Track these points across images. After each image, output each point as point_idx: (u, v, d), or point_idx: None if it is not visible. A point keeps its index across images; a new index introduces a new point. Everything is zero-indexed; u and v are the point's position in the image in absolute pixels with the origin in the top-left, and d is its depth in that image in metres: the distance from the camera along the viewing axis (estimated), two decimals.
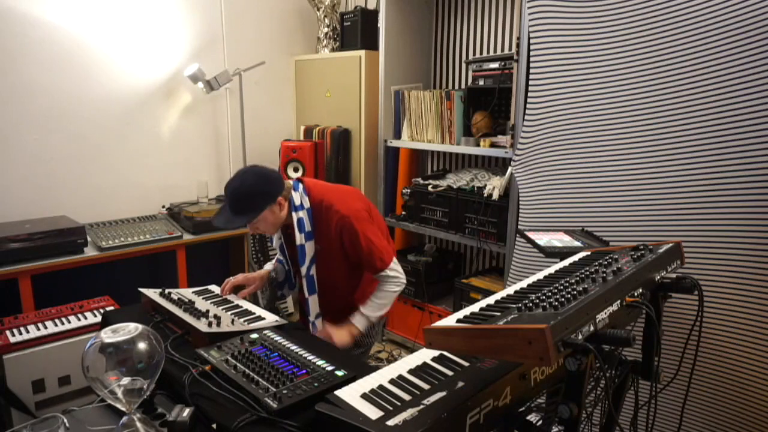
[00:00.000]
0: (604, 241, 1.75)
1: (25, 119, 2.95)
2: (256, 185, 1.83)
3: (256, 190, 1.82)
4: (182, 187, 3.59)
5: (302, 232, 1.90)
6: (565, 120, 2.14)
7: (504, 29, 3.21)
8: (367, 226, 1.91)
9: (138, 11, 3.26)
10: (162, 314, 1.80)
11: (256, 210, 1.81)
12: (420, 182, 3.27)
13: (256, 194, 1.82)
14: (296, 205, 1.90)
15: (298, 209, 1.90)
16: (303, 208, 1.90)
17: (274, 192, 1.85)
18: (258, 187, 1.82)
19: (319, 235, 1.93)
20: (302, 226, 1.90)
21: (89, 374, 1.19)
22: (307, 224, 1.90)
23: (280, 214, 1.88)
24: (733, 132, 1.71)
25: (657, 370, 1.29)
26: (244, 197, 1.81)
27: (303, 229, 1.90)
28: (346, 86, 3.56)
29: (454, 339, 1.01)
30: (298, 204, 1.90)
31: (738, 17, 1.66)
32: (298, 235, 1.90)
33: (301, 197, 1.91)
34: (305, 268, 1.93)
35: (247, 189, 1.82)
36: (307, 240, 1.91)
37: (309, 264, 1.93)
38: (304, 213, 1.90)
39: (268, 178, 1.86)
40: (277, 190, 1.86)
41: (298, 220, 1.90)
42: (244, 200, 1.81)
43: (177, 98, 3.52)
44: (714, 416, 1.87)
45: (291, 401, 1.25)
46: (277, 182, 1.87)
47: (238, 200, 1.82)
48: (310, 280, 1.95)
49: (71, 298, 2.63)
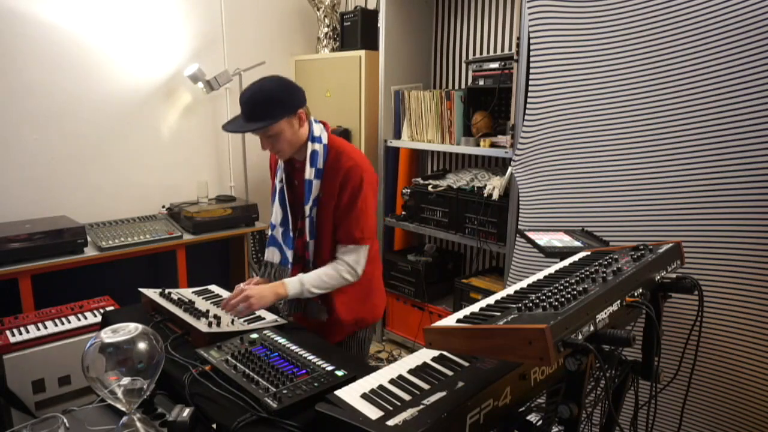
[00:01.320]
0: (604, 241, 1.75)
1: (25, 119, 2.95)
2: (276, 91, 1.67)
3: (275, 95, 1.66)
4: (182, 187, 3.59)
5: (314, 166, 1.74)
6: (565, 120, 2.14)
7: (504, 29, 3.21)
8: (372, 193, 1.77)
9: (138, 11, 3.26)
10: (162, 314, 1.80)
11: (275, 117, 1.65)
12: (420, 182, 3.27)
13: (275, 100, 1.66)
14: (315, 136, 1.75)
15: (316, 140, 1.75)
16: (321, 142, 1.75)
17: (296, 102, 1.70)
18: (278, 94, 1.67)
19: (328, 181, 1.76)
20: (315, 159, 1.74)
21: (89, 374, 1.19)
22: (320, 160, 1.74)
23: (300, 131, 1.73)
24: (733, 132, 1.71)
25: (657, 370, 1.29)
26: (261, 102, 1.65)
27: (315, 164, 1.74)
28: (346, 86, 3.56)
29: (454, 339, 1.01)
30: (317, 135, 1.75)
31: (738, 17, 1.66)
32: (308, 169, 1.74)
33: (321, 132, 1.77)
34: (308, 207, 1.77)
35: (267, 93, 1.66)
36: (315, 177, 1.75)
37: (312, 205, 1.77)
38: (320, 147, 1.75)
39: (290, 86, 1.71)
40: (299, 102, 1.71)
41: (313, 152, 1.74)
42: (262, 105, 1.65)
43: (177, 98, 3.52)
44: (714, 416, 1.87)
45: (291, 401, 1.25)
46: (299, 93, 1.72)
47: (255, 105, 1.65)
48: (311, 223, 1.79)
49: (71, 298, 2.63)
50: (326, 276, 1.76)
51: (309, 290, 1.74)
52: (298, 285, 1.73)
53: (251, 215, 3.42)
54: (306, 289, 1.74)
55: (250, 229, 3.44)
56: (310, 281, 1.74)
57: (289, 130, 1.71)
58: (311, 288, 1.74)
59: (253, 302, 1.67)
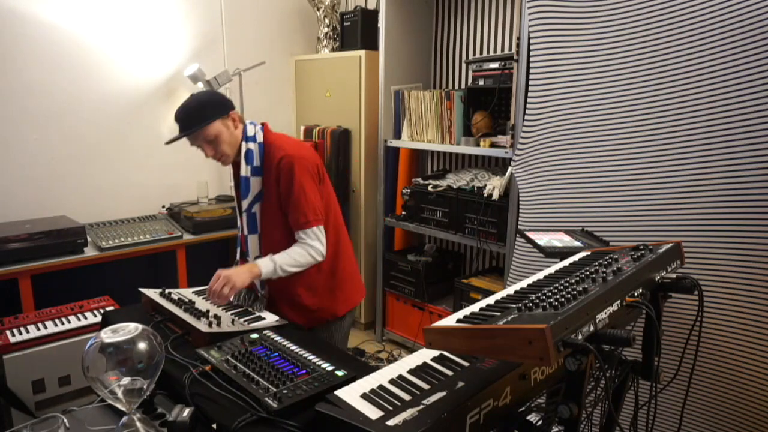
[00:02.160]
0: (604, 241, 1.75)
1: (25, 119, 2.95)
2: (206, 96, 1.83)
3: (205, 99, 1.81)
4: (182, 187, 3.59)
5: (249, 164, 1.85)
6: (565, 120, 2.14)
7: (504, 29, 3.21)
8: (308, 177, 1.83)
9: (138, 11, 3.26)
10: (162, 314, 1.80)
11: (207, 119, 1.76)
12: (420, 182, 3.27)
13: (206, 104, 1.78)
14: (248, 136, 1.86)
15: (249, 140, 1.86)
16: (255, 141, 1.86)
17: (226, 104, 1.83)
18: (207, 98, 1.82)
19: (266, 176, 1.87)
20: (250, 157, 1.85)
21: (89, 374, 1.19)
22: (256, 158, 1.85)
23: (235, 131, 1.84)
24: (733, 132, 1.71)
25: (657, 370, 1.29)
26: (194, 107, 1.77)
27: (251, 161, 1.85)
28: (346, 86, 3.56)
29: (454, 339, 1.01)
30: (251, 135, 1.87)
31: (738, 17, 1.66)
32: (243, 166, 1.85)
33: (256, 131, 1.88)
34: (247, 202, 1.87)
35: (197, 99, 1.80)
36: (253, 174, 1.86)
37: (252, 200, 1.87)
38: (254, 146, 1.86)
39: (218, 93, 1.86)
40: (229, 104, 1.84)
41: (247, 151, 1.85)
42: (195, 111, 1.77)
43: (177, 98, 3.51)
44: (714, 416, 1.87)
45: (291, 401, 1.25)
46: (227, 99, 1.87)
47: (189, 112, 1.77)
48: (251, 217, 1.89)
49: (71, 298, 2.63)
50: (296, 254, 1.82)
51: (281, 268, 1.80)
52: (270, 264, 1.79)
53: None
54: (278, 266, 1.79)
55: None
56: (281, 260, 1.80)
57: (225, 131, 1.81)
58: (283, 266, 1.80)
59: (235, 281, 1.72)
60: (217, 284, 1.72)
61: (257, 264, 1.78)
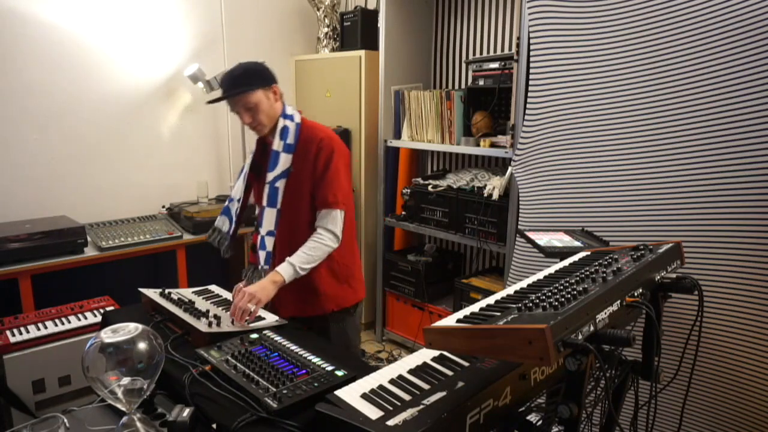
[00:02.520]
0: (604, 241, 1.75)
1: (25, 119, 2.95)
2: (252, 65, 1.86)
3: (251, 69, 1.85)
4: (182, 187, 3.59)
5: (283, 140, 1.88)
6: (565, 120, 2.14)
7: (504, 29, 3.21)
8: (344, 163, 1.90)
9: (138, 11, 3.26)
10: (162, 314, 1.80)
11: (251, 85, 1.81)
12: (420, 182, 3.27)
13: (251, 73, 1.83)
14: (287, 114, 1.91)
15: (287, 118, 1.90)
16: (292, 120, 1.90)
17: (270, 76, 1.88)
18: (253, 67, 1.86)
19: (297, 156, 1.89)
20: (285, 134, 1.88)
21: (89, 374, 1.19)
22: (291, 136, 1.89)
23: (275, 104, 1.88)
24: (733, 132, 1.71)
25: (657, 370, 1.29)
26: (239, 74, 1.82)
27: (285, 138, 1.88)
28: (346, 86, 3.56)
29: (454, 339, 1.01)
30: (289, 114, 1.91)
31: (738, 17, 1.66)
32: (277, 141, 1.88)
33: (294, 112, 1.93)
34: (273, 174, 1.88)
35: (243, 67, 1.85)
36: (284, 150, 1.88)
37: (278, 175, 1.88)
38: (292, 124, 1.90)
39: (264, 65, 1.89)
40: (273, 77, 1.89)
41: (284, 127, 1.88)
42: (240, 76, 1.82)
43: (177, 98, 3.52)
44: (714, 416, 1.87)
45: (291, 401, 1.25)
46: (271, 72, 1.90)
47: (234, 77, 1.82)
48: (273, 191, 1.89)
49: (71, 298, 2.63)
50: (310, 250, 1.84)
51: (300, 268, 1.82)
52: (289, 267, 1.81)
53: (251, 215, 3.41)
54: (297, 267, 1.82)
55: (249, 229, 3.41)
56: (298, 260, 1.82)
57: (265, 101, 1.85)
58: (301, 265, 1.82)
59: (260, 296, 1.73)
60: (243, 301, 1.69)
61: (278, 272, 1.80)
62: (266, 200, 1.91)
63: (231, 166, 3.82)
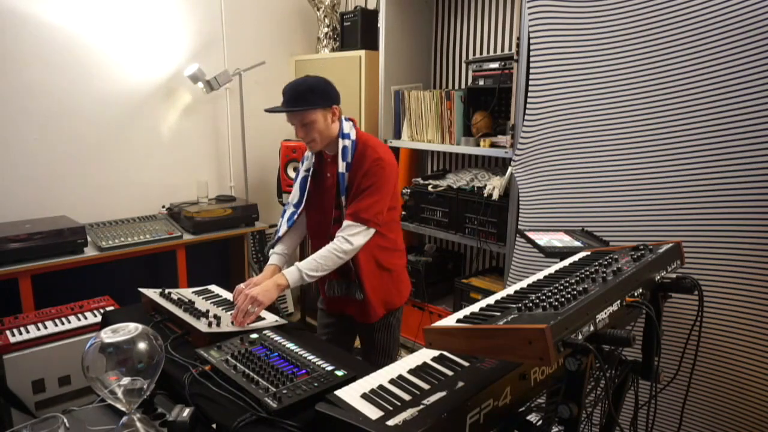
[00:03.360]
0: (604, 241, 1.75)
1: (25, 119, 2.95)
2: (318, 83, 1.86)
3: (316, 87, 1.84)
4: (182, 187, 3.59)
5: (345, 160, 1.88)
6: (565, 120, 2.14)
7: (504, 29, 3.21)
8: (390, 186, 1.89)
9: (138, 11, 3.26)
10: (162, 314, 1.80)
11: (313, 104, 1.82)
12: (420, 182, 3.27)
13: (316, 91, 1.83)
14: (345, 133, 1.90)
15: (345, 137, 1.90)
16: (350, 138, 1.90)
17: (332, 97, 1.88)
18: (319, 86, 1.85)
19: (354, 172, 1.89)
20: (346, 154, 1.88)
21: (89, 374, 1.19)
22: (350, 154, 1.89)
23: (332, 126, 1.89)
24: (733, 132, 1.71)
25: (657, 370, 1.29)
26: (304, 90, 1.83)
27: (346, 158, 1.88)
28: (346, 86, 3.56)
29: (454, 339, 1.01)
30: (347, 132, 1.91)
31: (738, 17, 1.66)
32: (341, 162, 1.88)
33: (350, 129, 1.93)
34: (344, 198, 1.89)
35: (309, 83, 1.85)
36: (347, 170, 1.89)
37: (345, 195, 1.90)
38: (349, 142, 1.90)
39: (330, 84, 1.89)
40: (335, 98, 1.89)
41: (344, 147, 1.88)
42: (304, 92, 1.82)
43: (177, 98, 3.52)
44: (714, 416, 1.87)
45: (291, 401, 1.25)
46: (336, 92, 1.91)
47: (297, 92, 1.83)
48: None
49: (71, 298, 2.63)
50: (321, 258, 1.82)
51: (307, 274, 1.80)
52: (296, 272, 1.80)
53: (251, 215, 3.42)
54: (304, 273, 1.80)
55: (250, 229, 3.44)
56: (307, 266, 1.81)
57: (322, 121, 1.86)
58: (308, 272, 1.80)
59: (262, 299, 1.71)
60: (244, 304, 1.69)
61: (283, 275, 1.79)
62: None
63: (231, 166, 3.82)
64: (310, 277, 1.80)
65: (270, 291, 1.74)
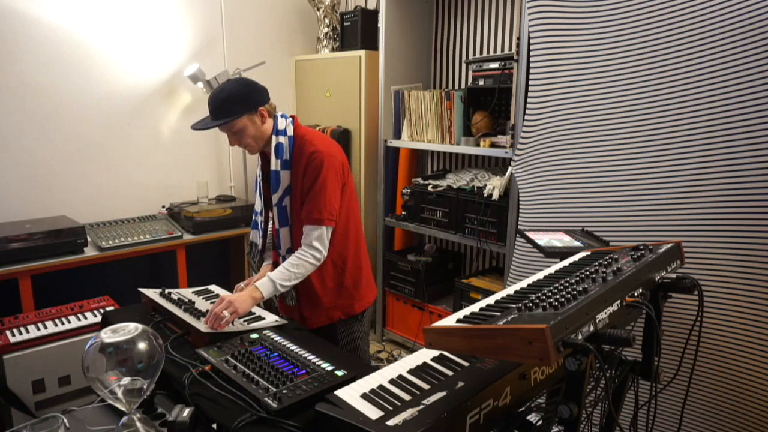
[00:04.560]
0: (604, 241, 1.75)
1: (25, 119, 2.95)
2: (236, 91, 1.80)
3: (235, 95, 1.79)
4: (182, 187, 3.59)
5: (279, 158, 1.86)
6: (565, 120, 2.14)
7: (504, 29, 3.21)
8: (333, 176, 1.84)
9: (138, 11, 3.26)
10: (162, 314, 1.80)
11: (234, 114, 1.77)
12: (420, 182, 3.27)
13: (235, 100, 1.78)
14: (279, 129, 1.87)
15: (280, 134, 1.87)
16: (285, 135, 1.87)
17: (256, 101, 1.81)
18: (238, 94, 1.79)
19: (294, 169, 1.87)
20: (280, 151, 1.86)
21: (89, 374, 1.19)
22: (286, 151, 1.86)
23: (263, 127, 1.84)
24: (733, 132, 1.71)
25: (657, 370, 1.29)
26: (222, 101, 1.78)
27: (281, 155, 1.86)
28: (346, 86, 3.56)
29: (454, 339, 1.01)
30: (282, 129, 1.87)
31: (738, 17, 1.66)
32: (273, 160, 1.86)
33: (287, 125, 1.89)
34: (277, 196, 1.88)
35: (227, 94, 1.79)
36: (282, 168, 1.86)
37: (282, 194, 1.88)
38: (285, 139, 1.87)
39: (251, 86, 1.83)
40: (259, 100, 1.82)
41: (277, 144, 1.86)
42: (223, 104, 1.78)
43: (177, 98, 3.52)
44: (714, 416, 1.87)
45: (291, 401, 1.25)
46: (260, 93, 1.84)
47: (218, 103, 1.78)
48: (281, 210, 1.89)
49: (71, 298, 2.63)
50: (292, 267, 1.81)
51: (281, 285, 1.79)
52: (269, 284, 1.78)
53: (251, 215, 3.41)
54: (278, 284, 1.78)
55: (250, 229, 3.43)
56: (279, 276, 1.79)
57: (251, 126, 1.82)
58: (281, 282, 1.79)
59: (237, 306, 1.68)
60: (219, 308, 1.67)
61: (257, 287, 1.77)
62: (278, 222, 1.91)
63: (231, 166, 3.82)
64: (283, 287, 1.80)
65: (246, 301, 1.72)
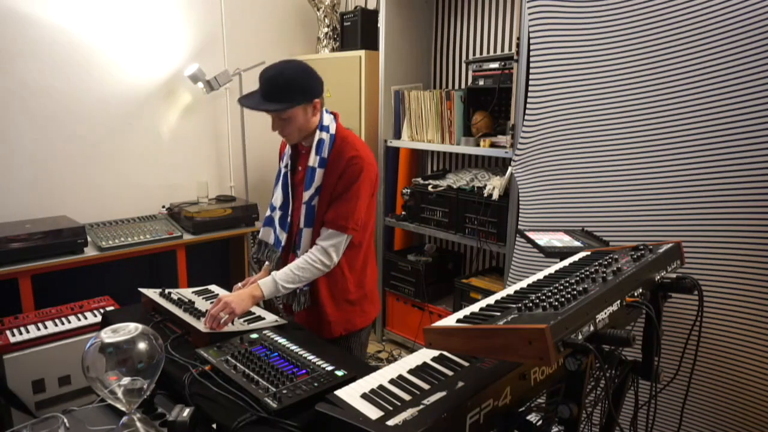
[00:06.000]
0: (604, 241, 1.75)
1: (25, 119, 2.95)
2: (298, 77, 1.69)
3: (297, 81, 1.69)
4: (182, 187, 3.60)
5: (318, 154, 1.76)
6: (565, 120, 2.14)
7: (504, 29, 3.21)
8: (368, 188, 1.77)
9: (138, 11, 3.26)
10: (162, 314, 1.80)
11: (291, 101, 1.68)
12: (420, 182, 3.27)
13: (295, 87, 1.68)
14: (324, 125, 1.77)
15: (324, 130, 1.77)
16: (328, 131, 1.78)
17: (314, 91, 1.73)
18: (298, 80, 1.69)
19: (329, 170, 1.77)
20: (321, 148, 1.76)
21: (89, 374, 1.18)
22: (325, 149, 1.76)
23: (311, 119, 1.76)
24: (733, 132, 1.71)
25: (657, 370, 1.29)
26: (282, 84, 1.67)
27: (320, 152, 1.76)
28: (346, 86, 3.56)
29: (454, 339, 1.01)
30: (326, 125, 1.78)
31: (738, 17, 1.66)
32: (313, 156, 1.76)
33: (331, 121, 1.80)
34: (308, 194, 1.77)
35: (288, 77, 1.68)
36: (319, 165, 1.76)
37: (314, 192, 1.77)
38: (327, 136, 1.77)
39: (311, 74, 1.73)
40: (317, 91, 1.74)
41: (319, 140, 1.76)
42: (282, 87, 1.67)
43: (177, 98, 3.52)
44: (714, 416, 1.87)
45: (291, 401, 1.25)
46: (318, 82, 1.74)
47: (275, 86, 1.67)
48: (310, 210, 1.78)
49: (71, 298, 2.63)
50: (298, 269, 1.74)
51: (283, 286, 1.72)
52: (272, 284, 1.72)
53: (251, 215, 3.42)
54: (280, 285, 1.72)
55: (250, 229, 3.44)
56: (283, 277, 1.73)
57: (302, 116, 1.73)
58: (285, 284, 1.72)
59: (235, 307, 1.65)
60: (216, 309, 1.64)
61: (258, 286, 1.72)
62: (303, 221, 1.80)
63: (231, 166, 3.82)
64: (285, 288, 1.73)
65: (244, 301, 1.68)
